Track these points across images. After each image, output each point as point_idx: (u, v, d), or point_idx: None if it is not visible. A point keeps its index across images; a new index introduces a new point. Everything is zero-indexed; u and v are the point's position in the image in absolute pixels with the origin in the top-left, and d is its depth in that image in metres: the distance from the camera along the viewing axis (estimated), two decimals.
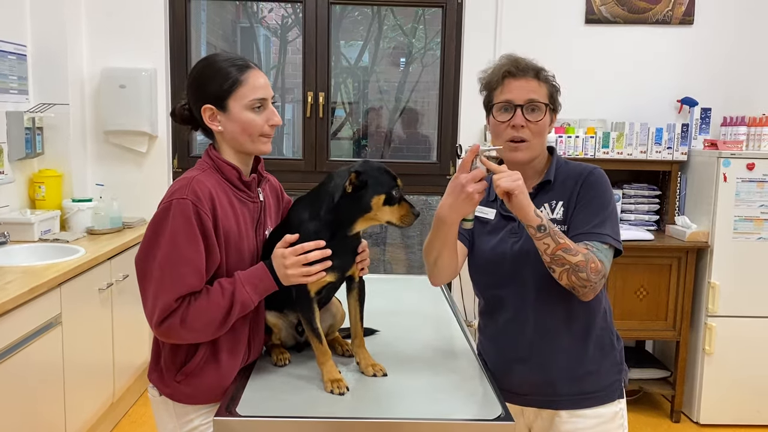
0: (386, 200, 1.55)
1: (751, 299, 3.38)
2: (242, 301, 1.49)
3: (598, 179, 1.63)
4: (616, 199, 1.66)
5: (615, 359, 1.71)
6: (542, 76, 1.65)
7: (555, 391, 1.67)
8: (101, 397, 3.02)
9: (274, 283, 1.51)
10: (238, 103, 1.53)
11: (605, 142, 3.57)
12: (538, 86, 1.63)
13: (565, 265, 1.51)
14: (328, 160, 3.95)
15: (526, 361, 1.67)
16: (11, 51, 3.26)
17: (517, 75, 1.63)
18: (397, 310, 2.10)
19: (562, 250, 1.50)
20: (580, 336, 1.66)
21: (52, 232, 3.26)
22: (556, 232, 1.51)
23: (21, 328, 2.31)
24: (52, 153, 3.52)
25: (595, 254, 1.54)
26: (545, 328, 1.65)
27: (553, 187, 1.66)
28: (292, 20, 4.37)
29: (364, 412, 1.41)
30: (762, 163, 3.31)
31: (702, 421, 3.46)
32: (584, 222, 1.59)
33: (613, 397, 1.69)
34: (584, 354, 1.66)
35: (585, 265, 1.50)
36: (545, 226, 1.50)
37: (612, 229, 1.59)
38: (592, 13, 3.77)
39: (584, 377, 1.66)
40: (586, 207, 1.61)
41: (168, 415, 1.60)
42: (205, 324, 1.47)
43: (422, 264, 1.78)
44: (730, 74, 3.82)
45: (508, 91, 1.63)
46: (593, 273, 1.51)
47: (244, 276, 1.51)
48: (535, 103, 1.62)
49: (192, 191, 1.47)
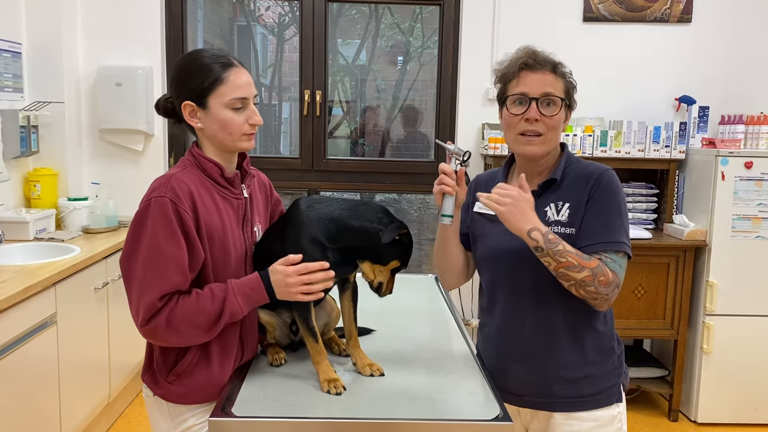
0: (396, 268, 1.59)
1: (749, 298, 3.38)
2: (232, 311, 1.48)
3: (609, 182, 1.58)
4: (625, 202, 1.61)
5: (614, 363, 1.67)
6: (559, 70, 1.62)
7: (551, 392, 1.64)
8: (97, 397, 3.00)
9: (267, 296, 1.50)
10: (218, 101, 1.51)
11: (603, 140, 3.56)
12: (554, 80, 1.60)
13: (570, 281, 1.50)
14: (325, 159, 3.94)
15: (521, 361, 1.65)
16: (6, 49, 3.25)
17: (534, 68, 1.60)
18: (394, 310, 2.08)
19: (564, 268, 1.48)
20: (578, 338, 1.62)
21: (48, 231, 3.24)
22: (557, 252, 1.47)
23: (16, 328, 2.29)
24: (48, 151, 3.50)
25: (608, 265, 1.51)
26: (541, 328, 1.62)
27: (559, 186, 1.62)
28: (289, 18, 4.36)
29: (361, 413, 1.40)
30: (760, 161, 3.30)
31: (700, 419, 3.45)
32: (598, 231, 1.55)
33: (611, 401, 1.65)
34: (581, 356, 1.63)
35: (592, 280, 1.48)
36: (542, 247, 1.48)
37: (626, 235, 1.57)
38: (590, 11, 3.76)
39: (581, 380, 1.63)
40: (598, 214, 1.56)
41: (162, 416, 1.59)
42: (190, 327, 1.46)
43: (420, 263, 1.78)
44: (728, 73, 3.81)
45: (523, 84, 1.60)
46: (602, 286, 1.49)
47: (236, 285, 1.49)
48: (550, 96, 1.58)
49: (170, 189, 1.46)
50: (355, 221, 1.53)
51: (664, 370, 3.62)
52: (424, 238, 4.36)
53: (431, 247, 4.35)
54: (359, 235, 1.53)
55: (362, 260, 1.57)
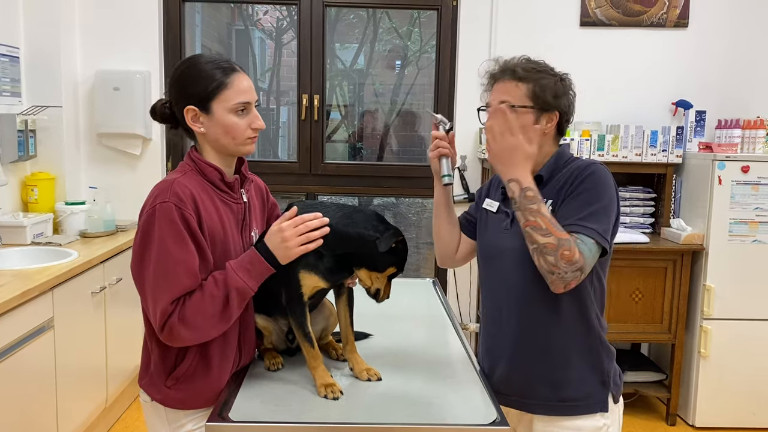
0: (392, 274, 1.60)
1: (747, 302, 3.38)
2: (237, 288, 1.47)
3: (592, 174, 1.55)
4: (613, 198, 1.56)
5: (601, 370, 1.64)
6: (520, 74, 1.59)
7: (533, 393, 1.64)
8: (94, 402, 2.99)
9: (269, 265, 1.49)
10: (221, 106, 1.52)
11: (600, 144, 3.57)
12: (514, 87, 1.59)
13: (533, 244, 1.48)
14: (323, 163, 3.94)
15: (507, 358, 1.66)
16: (4, 53, 3.25)
17: (498, 77, 1.64)
18: (391, 314, 2.08)
19: (531, 227, 1.48)
20: (563, 340, 1.62)
21: (45, 235, 3.24)
22: (529, 209, 1.47)
23: (13, 332, 2.29)
24: (45, 155, 3.50)
25: (578, 245, 1.47)
26: (528, 329, 1.63)
27: (546, 184, 1.62)
28: (287, 23, 4.37)
29: (358, 417, 1.40)
30: (756, 165, 3.31)
31: (697, 424, 3.45)
32: (570, 213, 1.53)
33: (594, 410, 1.62)
34: (565, 359, 1.62)
35: (554, 249, 1.44)
36: (516, 200, 1.50)
37: (599, 224, 1.50)
38: (587, 15, 3.77)
39: (563, 384, 1.62)
40: (574, 199, 1.54)
41: (159, 421, 1.59)
42: (204, 318, 1.45)
43: (417, 267, 1.80)
44: (725, 77, 3.83)
45: (491, 94, 1.65)
46: (564, 261, 1.44)
47: (235, 263, 1.50)
48: (504, 104, 1.58)
49: (173, 194, 1.46)
50: (350, 229, 1.54)
51: (662, 374, 3.62)
52: (422, 241, 4.36)
53: (429, 251, 4.35)
54: (355, 242, 1.53)
55: (359, 267, 1.57)
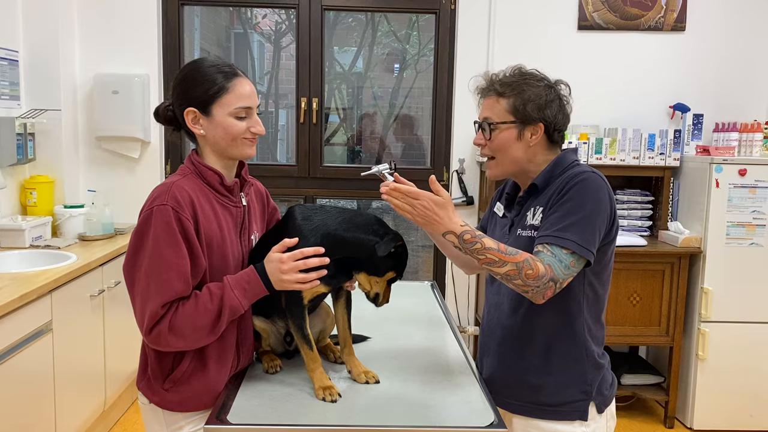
0: (392, 279, 1.60)
1: (744, 305, 3.39)
2: (231, 306, 1.48)
3: (579, 183, 1.56)
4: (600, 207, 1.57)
5: (583, 380, 1.64)
6: (499, 90, 1.62)
7: (512, 393, 1.68)
8: (92, 405, 2.99)
9: (264, 287, 1.50)
10: (222, 110, 1.53)
11: (598, 148, 3.58)
12: (495, 103, 1.63)
13: (497, 275, 1.51)
14: (322, 166, 3.95)
15: (492, 357, 1.73)
16: (3, 56, 3.25)
17: (484, 93, 1.67)
18: (389, 317, 2.09)
19: (486, 264, 1.49)
20: (545, 346, 1.64)
21: (44, 239, 3.24)
22: (474, 250, 1.47)
23: (11, 336, 2.29)
24: (44, 159, 3.50)
25: (544, 258, 1.49)
26: (514, 331, 1.67)
27: (540, 192, 1.64)
28: (286, 26, 4.37)
29: (356, 420, 1.41)
30: (754, 168, 3.32)
31: (695, 426, 3.46)
32: (550, 224, 1.54)
33: (572, 417, 1.63)
34: (545, 364, 1.64)
35: (516, 273, 1.46)
36: (459, 248, 1.50)
37: (579, 234, 1.51)
38: (584, 19, 3.78)
39: (541, 388, 1.64)
40: (556, 210, 1.55)
41: (157, 423, 1.59)
42: (193, 329, 1.46)
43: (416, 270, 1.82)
44: (722, 81, 3.84)
45: (480, 110, 1.69)
46: (531, 279, 1.46)
47: (233, 280, 1.50)
48: (486, 121, 1.64)
49: (172, 197, 1.47)
50: (350, 233, 1.54)
51: (660, 376, 3.63)
52: (420, 245, 4.36)
53: (427, 254, 4.35)
54: (354, 247, 1.54)
55: (358, 272, 1.58)
